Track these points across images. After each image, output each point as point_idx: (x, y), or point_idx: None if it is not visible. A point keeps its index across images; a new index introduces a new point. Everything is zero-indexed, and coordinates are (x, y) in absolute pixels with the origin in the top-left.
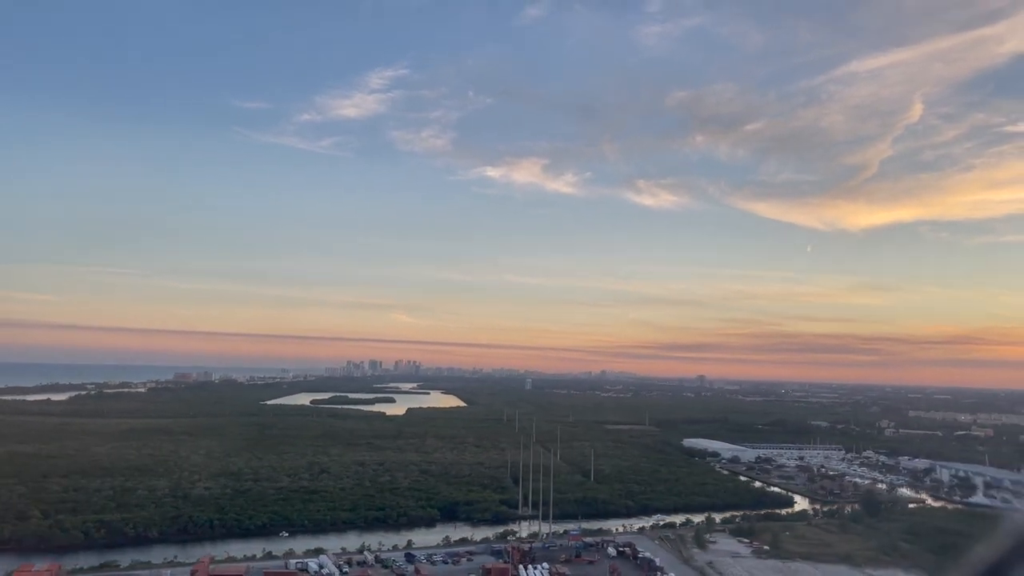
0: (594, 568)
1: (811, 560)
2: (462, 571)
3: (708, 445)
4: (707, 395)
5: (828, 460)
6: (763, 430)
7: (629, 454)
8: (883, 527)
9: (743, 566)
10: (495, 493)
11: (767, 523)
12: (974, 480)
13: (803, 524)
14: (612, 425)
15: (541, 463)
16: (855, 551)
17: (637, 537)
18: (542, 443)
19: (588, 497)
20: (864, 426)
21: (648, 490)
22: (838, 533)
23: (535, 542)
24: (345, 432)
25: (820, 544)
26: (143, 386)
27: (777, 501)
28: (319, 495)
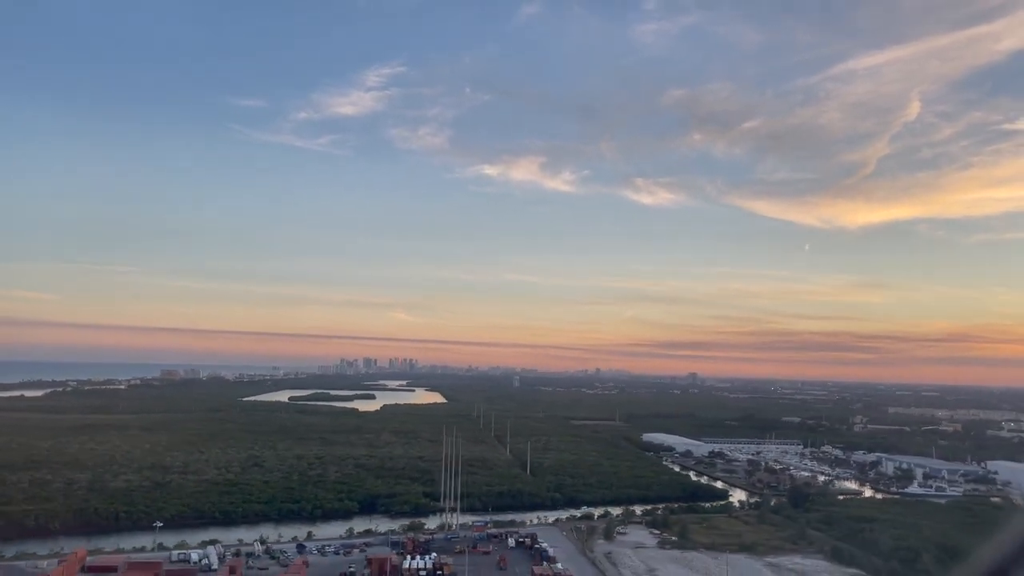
0: (485, 558)
1: (713, 550)
2: (349, 561)
3: (665, 440)
4: (694, 392)
5: (783, 455)
6: (732, 426)
7: (582, 449)
8: (801, 517)
9: (640, 556)
10: (422, 486)
11: (685, 515)
12: (915, 471)
13: (723, 516)
14: (581, 421)
15: (483, 457)
16: (762, 540)
17: (547, 528)
18: (499, 438)
19: (515, 490)
20: (836, 422)
21: (581, 483)
22: (754, 524)
23: (439, 534)
24: (303, 427)
25: (730, 535)
26: (124, 383)
27: (711, 494)
28: (238, 488)
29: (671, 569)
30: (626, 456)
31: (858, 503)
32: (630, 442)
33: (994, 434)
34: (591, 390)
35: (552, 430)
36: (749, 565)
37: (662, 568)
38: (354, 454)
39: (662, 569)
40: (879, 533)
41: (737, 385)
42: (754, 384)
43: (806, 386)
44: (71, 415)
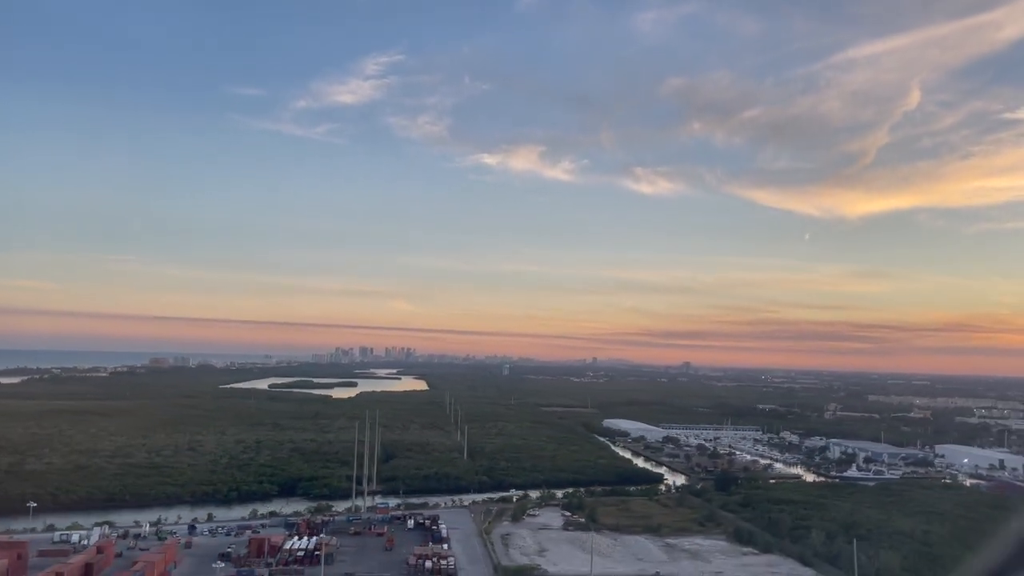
0: (378, 539)
1: (617, 531)
2: (235, 541)
3: (622, 425)
4: (683, 381)
5: (739, 441)
6: (704, 413)
7: (536, 434)
8: (719, 499)
9: (538, 537)
10: (350, 470)
11: (607, 498)
12: (858, 456)
13: (644, 499)
14: (553, 408)
15: (428, 441)
16: (671, 522)
17: (459, 511)
18: (456, 423)
19: (443, 473)
20: (810, 409)
21: (515, 467)
22: (672, 507)
23: (340, 516)
24: (264, 413)
25: (641, 516)
26: (108, 371)
27: (646, 478)
28: (158, 471)
29: (562, 549)
30: (576, 441)
31: (785, 486)
32: (589, 428)
33: (962, 420)
34: (580, 379)
35: (517, 416)
36: (644, 544)
37: (554, 548)
38: (298, 438)
39: (553, 549)
40: (785, 514)
41: (730, 374)
42: (747, 373)
43: (799, 375)
44: (38, 401)
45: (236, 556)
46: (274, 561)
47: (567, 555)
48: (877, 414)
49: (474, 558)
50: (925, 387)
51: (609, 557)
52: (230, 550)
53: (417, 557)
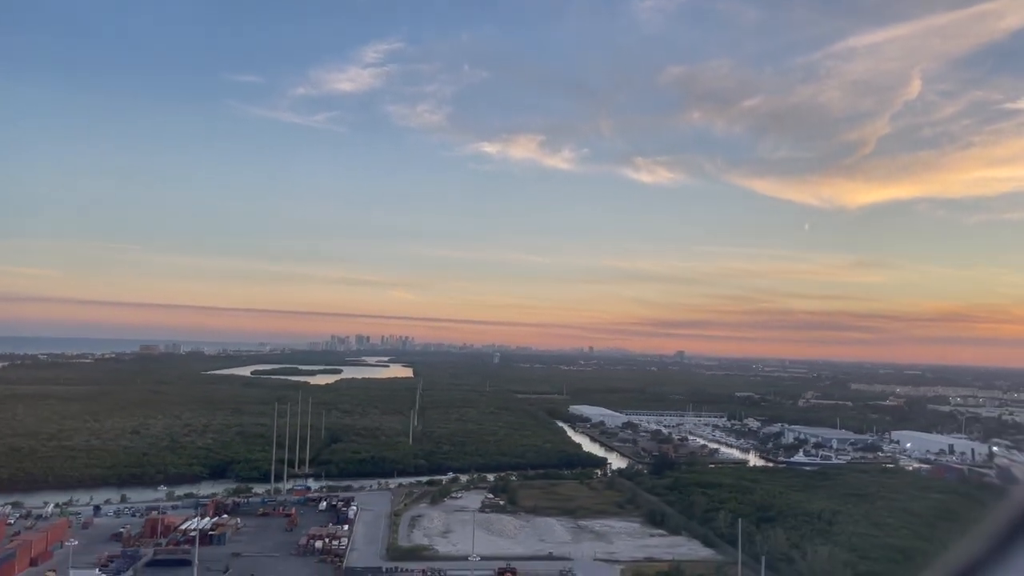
0: (280, 520)
1: (535, 513)
2: (132, 522)
3: (586, 411)
4: (673, 369)
5: (698, 426)
6: (677, 399)
7: (496, 419)
8: (649, 483)
9: (450, 519)
10: (288, 452)
11: (539, 481)
12: (808, 442)
13: (576, 482)
14: (526, 394)
15: (379, 426)
16: (592, 504)
17: (382, 493)
18: (422, 409)
19: (379, 457)
20: (786, 397)
21: (458, 451)
22: (599, 490)
23: (255, 498)
24: (231, 398)
25: (565, 499)
26: (93, 357)
27: (589, 461)
28: (90, 453)
29: (468, 530)
30: (532, 427)
31: (721, 470)
32: (553, 414)
33: (934, 408)
34: (569, 367)
35: (486, 403)
36: (552, 526)
37: (460, 530)
38: (247, 422)
39: (459, 531)
40: (704, 496)
41: (724, 363)
42: (740, 362)
43: (793, 364)
44: (8, 385)
45: (128, 536)
46: (164, 541)
47: (469, 536)
48: (850, 402)
49: (373, 539)
50: (916, 376)
51: (512, 538)
52: (123, 530)
53: (310, 537)
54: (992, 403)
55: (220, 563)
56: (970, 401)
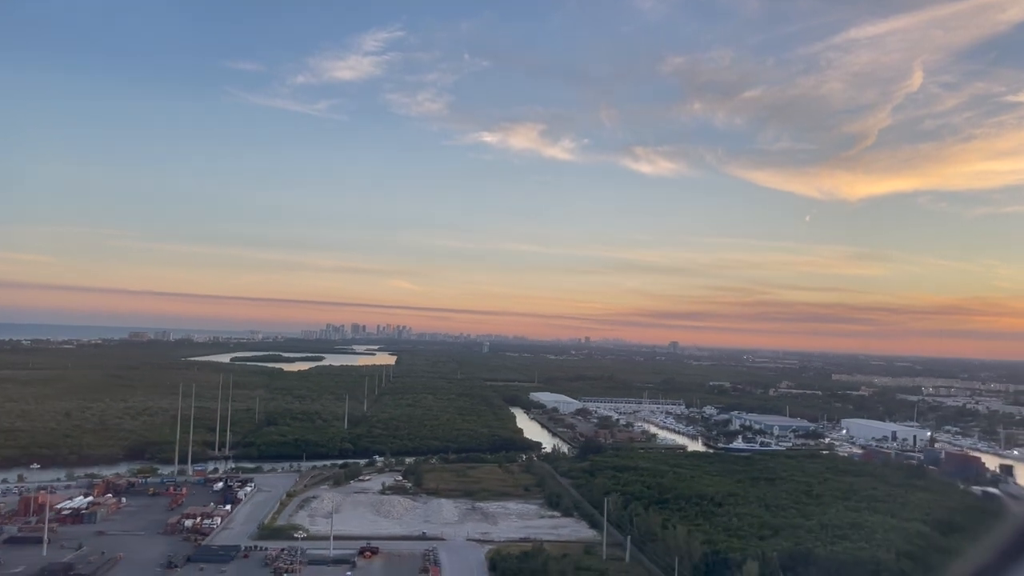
0: (166, 500)
1: (436, 495)
2: (10, 500)
3: (543, 398)
4: (661, 359)
5: (652, 413)
6: (646, 387)
7: (449, 405)
8: (565, 467)
9: (345, 500)
10: (213, 435)
11: (458, 464)
12: (753, 428)
13: (495, 465)
14: (495, 382)
15: (322, 410)
16: (500, 487)
17: (288, 475)
18: (381, 394)
19: (303, 440)
20: (759, 387)
21: (390, 435)
22: (515, 473)
23: (154, 478)
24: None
25: (472, 481)
26: (76, 343)
27: (521, 445)
28: (7, 434)
29: (357, 511)
30: (481, 412)
31: (647, 455)
32: (513, 400)
33: (903, 398)
34: (557, 356)
35: (450, 389)
36: (445, 507)
37: (349, 511)
38: (188, 405)
39: (348, 512)
40: (610, 480)
41: (717, 354)
42: (732, 353)
43: (786, 356)
44: None
45: (0, 514)
46: (35, 519)
47: (356, 517)
48: (821, 392)
49: (253, 518)
50: (906, 368)
51: (398, 519)
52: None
53: (183, 516)
54: (964, 393)
55: (76, 541)
56: (942, 391)
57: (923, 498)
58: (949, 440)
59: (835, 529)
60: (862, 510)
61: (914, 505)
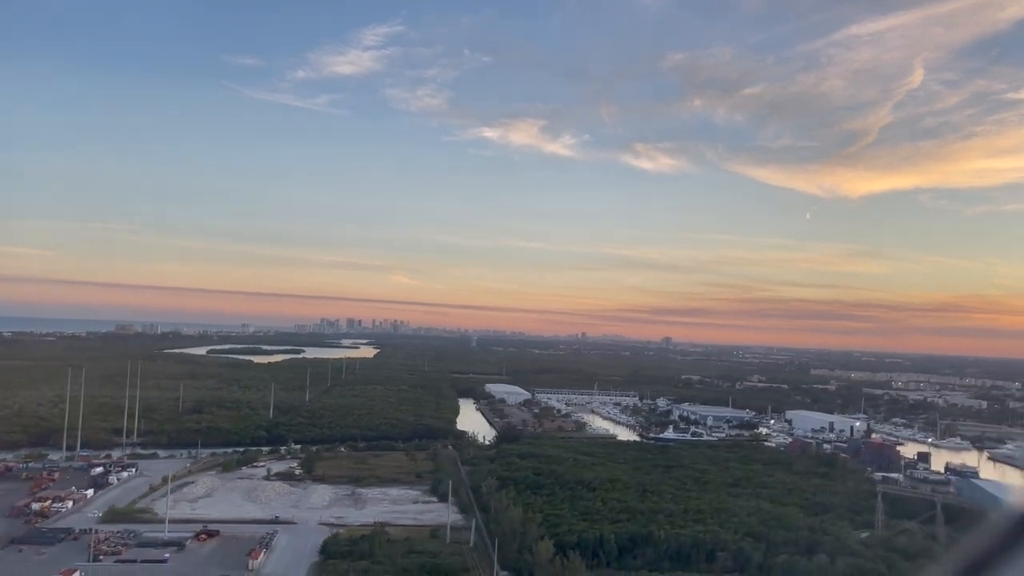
0: (40, 481)
1: (322, 481)
2: None
3: (496, 389)
4: (649, 354)
5: (601, 404)
6: (613, 381)
7: (399, 395)
8: (471, 454)
9: (216, 485)
10: (135, 423)
11: (365, 452)
12: (690, 418)
13: (402, 453)
14: (462, 375)
15: (253, 399)
16: (392, 474)
17: (178, 462)
18: (333, 385)
19: (214, 427)
20: (728, 380)
21: (309, 424)
22: (418, 460)
23: (35, 463)
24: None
25: (367, 468)
26: (56, 335)
27: (447, 434)
28: None
29: (229, 496)
30: (427, 402)
31: (564, 443)
32: (468, 392)
33: (869, 392)
34: (543, 351)
35: (410, 380)
36: (319, 492)
37: (221, 496)
38: (121, 395)
39: (219, 497)
40: (500, 466)
41: (709, 350)
42: (724, 349)
43: (779, 352)
44: None
45: None
46: None
47: (224, 502)
48: (787, 385)
49: (113, 502)
50: (895, 364)
51: (265, 504)
52: None
53: (31, 499)
54: (934, 388)
55: None
56: (911, 386)
57: (818, 484)
58: (891, 431)
59: (696, 514)
60: (745, 496)
61: (802, 490)
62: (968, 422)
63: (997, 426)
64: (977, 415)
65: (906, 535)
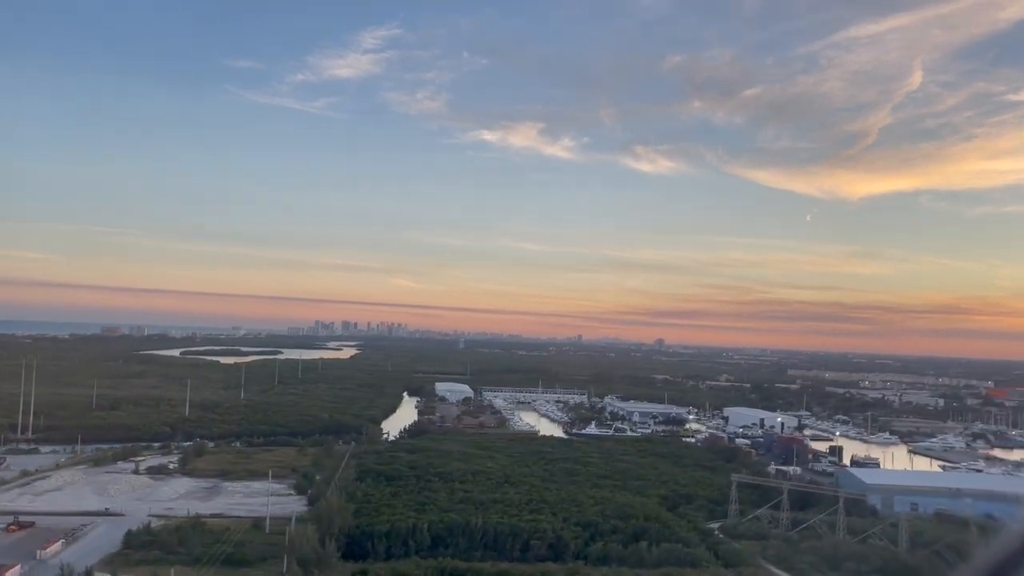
0: None
1: (189, 475)
2: None
3: (443, 388)
4: (636, 355)
5: (546, 403)
6: (574, 380)
7: (340, 394)
8: (362, 449)
9: (71, 478)
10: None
11: (257, 445)
12: (619, 414)
13: (293, 448)
14: (425, 374)
15: (166, 397)
16: (271, 467)
17: (59, 456)
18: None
19: (116, 423)
20: (696, 380)
21: (219, 420)
22: (309, 455)
23: None
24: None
25: (246, 462)
26: (30, 338)
27: (354, 428)
28: None
29: (79, 490)
30: (357, 400)
31: (471, 438)
32: (416, 391)
33: (831, 390)
34: (528, 352)
35: (364, 379)
36: (172, 484)
37: (71, 489)
38: (43, 390)
39: (69, 490)
40: (376, 460)
41: (701, 351)
42: (716, 351)
43: (769, 353)
44: None
45: None
46: None
47: (71, 495)
48: (749, 384)
49: None
50: (884, 365)
51: (112, 497)
52: None
53: None
54: (901, 388)
55: None
56: (878, 386)
57: (699, 476)
58: (829, 427)
59: (540, 504)
60: (608, 487)
61: (677, 482)
62: (910, 418)
63: (936, 422)
64: (925, 413)
65: (752, 522)
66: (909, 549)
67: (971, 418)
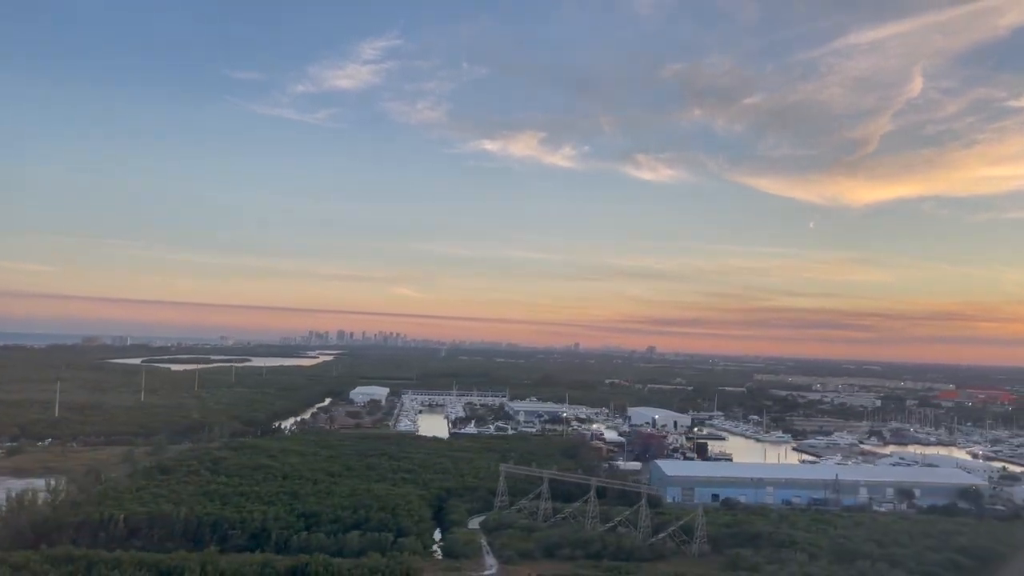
0: None
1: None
2: None
3: (359, 391)
4: (617, 362)
5: (454, 405)
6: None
7: (247, 396)
8: (222, 443)
9: None
10: None
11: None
12: (508, 414)
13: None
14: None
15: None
16: (73, 466)
17: None
18: (196, 388)
19: None
20: (648, 384)
21: (84, 420)
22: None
23: None
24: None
25: (56, 460)
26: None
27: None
28: None
29: None
30: (260, 402)
31: (321, 438)
32: (336, 393)
33: (775, 392)
34: (505, 360)
35: (288, 384)
36: None
37: None
38: None
39: None
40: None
41: (691, 359)
42: (700, 358)
43: (759, 361)
44: None
45: None
46: None
47: None
48: (692, 387)
49: None
50: (871, 371)
51: None
52: None
53: None
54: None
55: None
56: (829, 388)
57: None
58: (734, 426)
59: (285, 496)
60: (399, 481)
61: (475, 475)
62: (826, 418)
63: (851, 422)
64: (849, 413)
65: (513, 511)
66: (651, 534)
67: (894, 418)
